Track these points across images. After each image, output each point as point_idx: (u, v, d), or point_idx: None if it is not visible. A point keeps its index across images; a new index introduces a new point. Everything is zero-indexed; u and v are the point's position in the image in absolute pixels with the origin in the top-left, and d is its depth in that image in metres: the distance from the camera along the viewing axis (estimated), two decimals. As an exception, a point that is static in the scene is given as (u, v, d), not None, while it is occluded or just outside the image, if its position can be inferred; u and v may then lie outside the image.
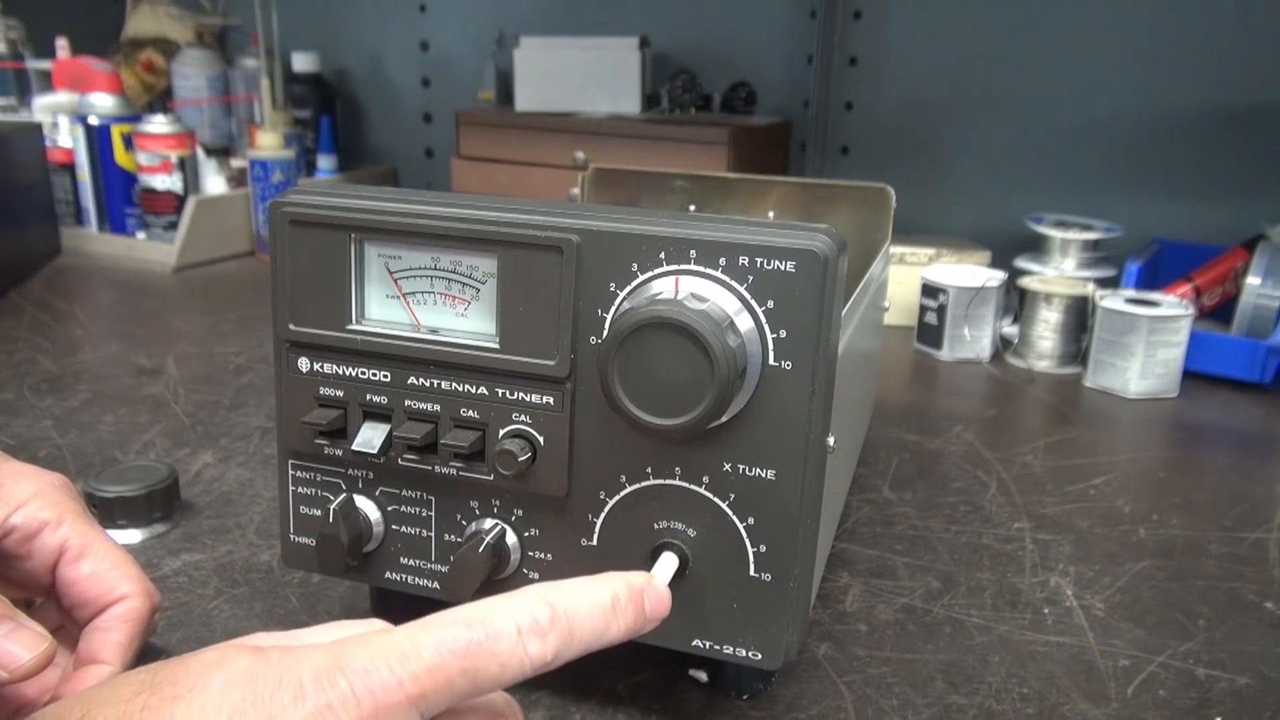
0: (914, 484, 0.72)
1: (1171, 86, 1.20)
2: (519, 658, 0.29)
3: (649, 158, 1.26)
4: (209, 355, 0.94)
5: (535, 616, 0.30)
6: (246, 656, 0.28)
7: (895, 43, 1.33)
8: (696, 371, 0.37)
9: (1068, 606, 0.57)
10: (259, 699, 0.26)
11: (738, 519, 0.41)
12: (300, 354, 0.45)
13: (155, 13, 1.57)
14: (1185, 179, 1.22)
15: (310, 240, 0.43)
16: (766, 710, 0.47)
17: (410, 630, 0.29)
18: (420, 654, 0.28)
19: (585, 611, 0.31)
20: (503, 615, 0.29)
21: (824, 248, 0.37)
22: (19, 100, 1.46)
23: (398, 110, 1.68)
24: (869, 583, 0.58)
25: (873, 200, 0.73)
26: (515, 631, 0.29)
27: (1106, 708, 0.48)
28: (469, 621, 0.29)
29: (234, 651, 0.28)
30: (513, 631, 0.29)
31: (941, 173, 1.34)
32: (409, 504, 0.45)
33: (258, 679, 0.27)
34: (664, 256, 0.39)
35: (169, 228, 1.30)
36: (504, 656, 0.29)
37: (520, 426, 0.42)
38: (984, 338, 1.02)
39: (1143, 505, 0.70)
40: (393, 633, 0.29)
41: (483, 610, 0.29)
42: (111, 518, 0.59)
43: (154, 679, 0.28)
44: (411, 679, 0.27)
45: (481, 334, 0.42)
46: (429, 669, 0.28)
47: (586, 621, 0.31)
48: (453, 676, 0.28)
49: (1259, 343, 0.95)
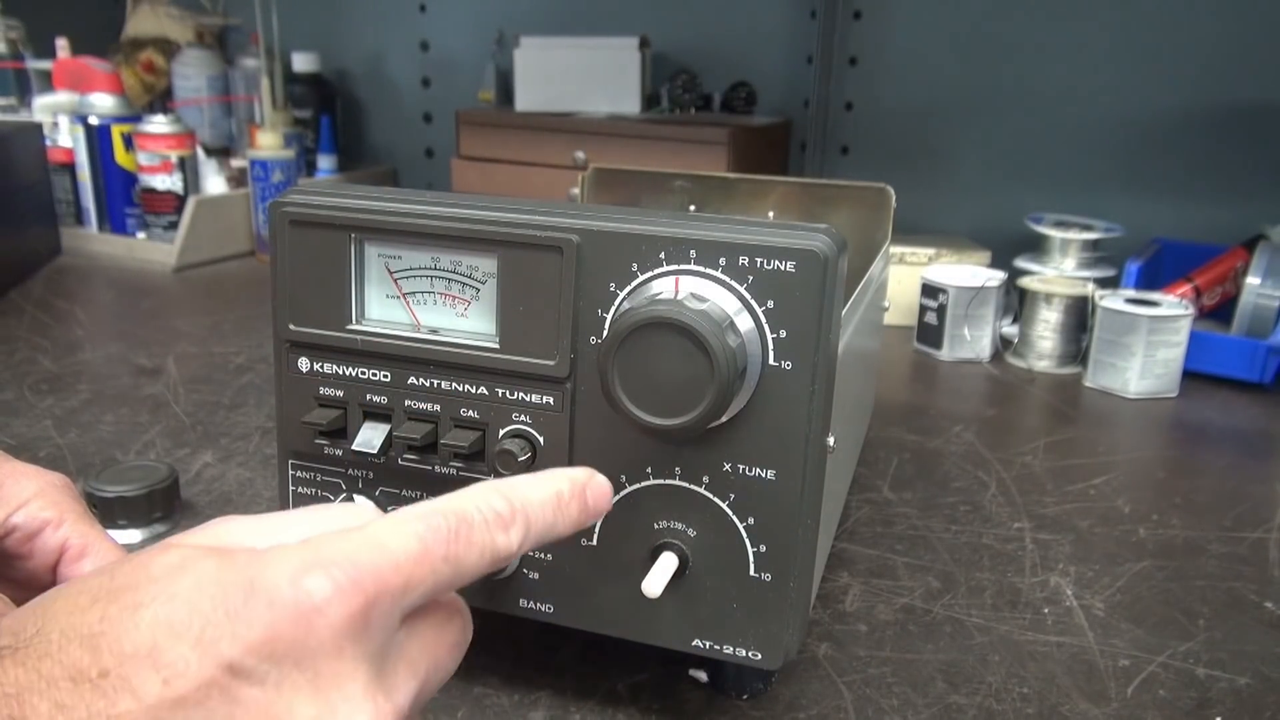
0: (914, 484, 0.72)
1: (1171, 86, 1.20)
2: (492, 546, 0.29)
3: (649, 158, 1.26)
4: (209, 355, 0.94)
5: (496, 508, 0.30)
6: (212, 561, 0.25)
7: (895, 43, 1.34)
8: (696, 371, 0.37)
9: (1068, 606, 0.57)
10: (231, 608, 0.24)
11: (738, 519, 0.41)
12: (300, 354, 0.45)
13: (155, 13, 1.57)
14: (1185, 179, 1.22)
15: (310, 240, 0.43)
16: (766, 710, 0.47)
17: (387, 522, 0.28)
18: (402, 543, 0.27)
19: (537, 505, 0.31)
20: (470, 506, 0.29)
21: (824, 248, 0.37)
22: (19, 100, 1.46)
23: (398, 110, 1.68)
24: (869, 583, 0.58)
25: (873, 200, 0.73)
26: (484, 521, 0.29)
27: (1106, 708, 0.48)
28: (442, 512, 0.28)
29: (197, 555, 0.25)
30: (482, 521, 0.29)
31: (941, 173, 1.34)
32: (409, 504, 0.45)
33: (228, 586, 0.24)
34: (664, 256, 0.39)
35: (169, 228, 1.30)
36: (480, 544, 0.28)
37: (520, 426, 0.42)
38: (984, 338, 1.01)
39: (1143, 505, 0.70)
40: (366, 526, 0.27)
41: (446, 502, 0.29)
42: (112, 518, 0.59)
43: (111, 584, 0.25)
44: (393, 569, 0.26)
45: (481, 334, 0.42)
46: (413, 558, 0.27)
47: (539, 515, 0.31)
48: (436, 564, 0.27)
49: (1259, 343, 0.95)
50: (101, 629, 0.24)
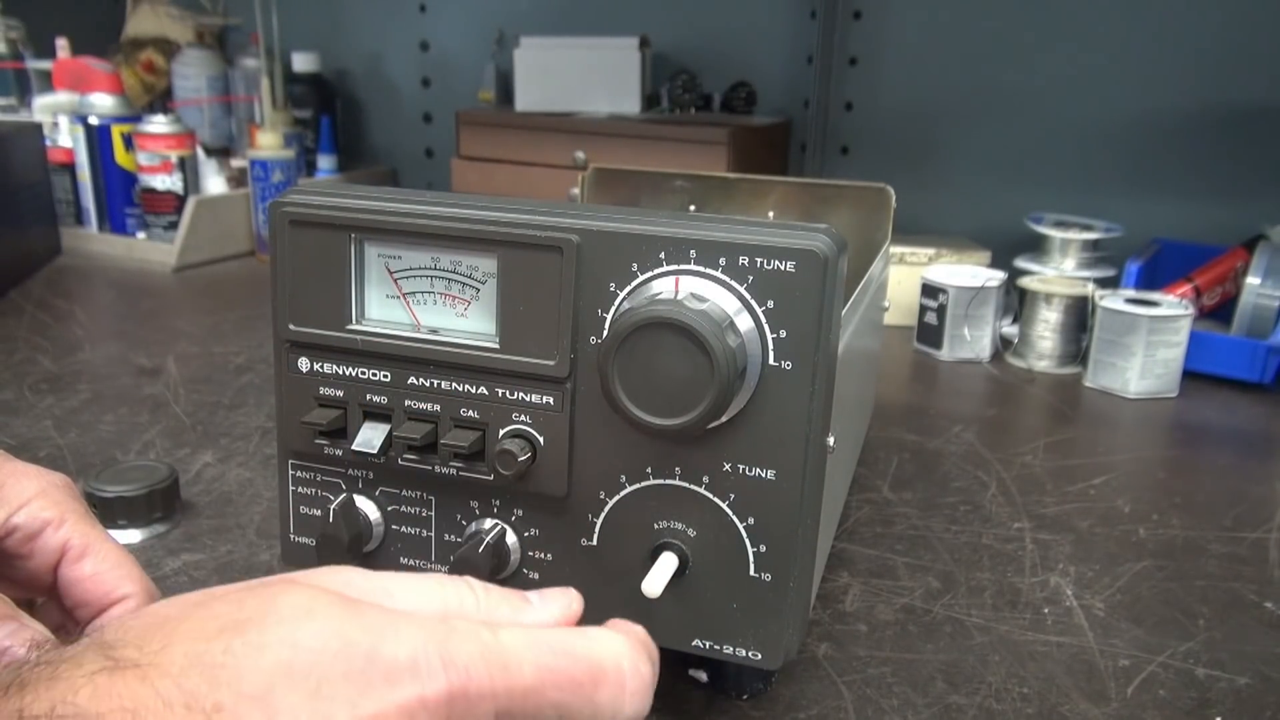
0: (914, 484, 0.72)
1: (1172, 86, 1.20)
2: (612, 710, 0.27)
3: (649, 158, 1.26)
4: (209, 355, 0.94)
5: (642, 672, 0.28)
6: (338, 609, 0.25)
7: (895, 43, 1.33)
8: (696, 371, 0.37)
9: (1068, 606, 0.57)
10: (351, 669, 0.24)
11: (737, 519, 0.41)
12: (300, 354, 0.45)
13: (155, 13, 1.57)
14: (1185, 179, 1.22)
15: (310, 240, 0.43)
16: (766, 710, 0.47)
17: (519, 638, 0.27)
18: (523, 670, 0.26)
19: (651, 675, 0.29)
20: (612, 659, 0.28)
21: (824, 248, 0.37)
22: (19, 100, 1.46)
23: (398, 110, 1.68)
24: (869, 583, 0.58)
25: (873, 200, 0.73)
26: (620, 685, 0.28)
27: (1106, 708, 0.48)
28: (578, 658, 0.27)
29: (325, 600, 0.26)
30: (619, 684, 0.28)
31: (941, 173, 1.34)
32: (409, 504, 0.45)
33: (352, 645, 0.25)
34: (664, 256, 0.39)
35: (169, 228, 1.30)
36: (600, 705, 0.27)
37: (520, 426, 0.42)
38: (984, 338, 1.01)
39: (1143, 505, 0.70)
40: (498, 632, 0.27)
41: (592, 644, 0.28)
42: (112, 518, 0.59)
43: (239, 615, 0.25)
44: (506, 693, 0.26)
45: (481, 334, 0.42)
46: (525, 689, 0.26)
47: (650, 685, 0.29)
48: (544, 706, 0.27)
49: (1259, 343, 0.95)
50: (224, 661, 0.24)
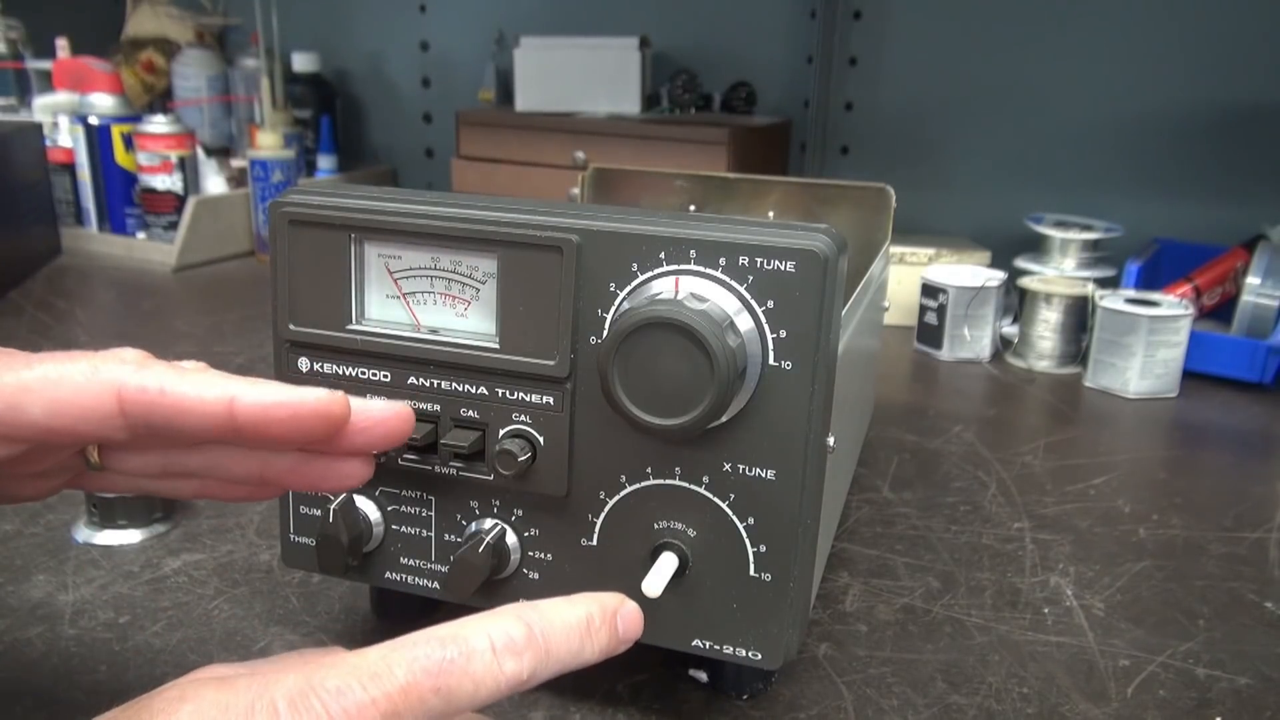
0: (914, 484, 0.72)
1: (1172, 86, 1.20)
2: (494, 676, 0.29)
3: (649, 158, 1.26)
4: (209, 355, 0.94)
5: (511, 634, 0.29)
6: (211, 689, 0.27)
7: (895, 43, 1.34)
8: (696, 371, 0.37)
9: (1068, 606, 0.57)
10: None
11: (737, 519, 0.41)
12: (300, 354, 0.45)
13: (155, 13, 1.57)
14: (1185, 179, 1.22)
15: (310, 240, 0.43)
16: (766, 710, 0.47)
17: (383, 649, 0.28)
18: (393, 672, 0.27)
19: (561, 630, 0.31)
20: (477, 633, 0.29)
21: (824, 248, 0.37)
22: (19, 100, 1.46)
23: (398, 110, 1.68)
24: (869, 583, 0.58)
25: (873, 200, 0.73)
26: (490, 649, 0.29)
27: (1106, 708, 0.48)
28: (442, 640, 0.29)
29: (196, 686, 0.27)
30: (487, 649, 0.29)
31: (941, 173, 1.34)
32: (409, 504, 0.45)
33: (229, 708, 0.26)
34: (664, 256, 0.39)
35: (169, 228, 1.30)
36: (478, 675, 0.29)
37: (520, 426, 0.42)
38: (984, 338, 1.02)
39: (1143, 505, 0.70)
40: (365, 653, 0.28)
41: (457, 628, 0.29)
42: (112, 518, 0.59)
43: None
44: (385, 697, 0.27)
45: (481, 334, 0.42)
46: (402, 688, 0.27)
47: (563, 641, 0.31)
48: (425, 695, 0.28)
49: (1259, 343, 0.95)
50: None
